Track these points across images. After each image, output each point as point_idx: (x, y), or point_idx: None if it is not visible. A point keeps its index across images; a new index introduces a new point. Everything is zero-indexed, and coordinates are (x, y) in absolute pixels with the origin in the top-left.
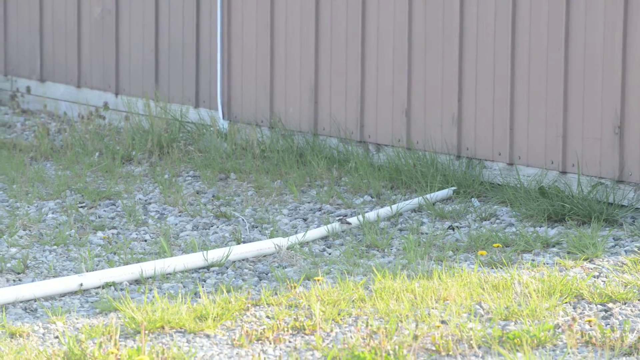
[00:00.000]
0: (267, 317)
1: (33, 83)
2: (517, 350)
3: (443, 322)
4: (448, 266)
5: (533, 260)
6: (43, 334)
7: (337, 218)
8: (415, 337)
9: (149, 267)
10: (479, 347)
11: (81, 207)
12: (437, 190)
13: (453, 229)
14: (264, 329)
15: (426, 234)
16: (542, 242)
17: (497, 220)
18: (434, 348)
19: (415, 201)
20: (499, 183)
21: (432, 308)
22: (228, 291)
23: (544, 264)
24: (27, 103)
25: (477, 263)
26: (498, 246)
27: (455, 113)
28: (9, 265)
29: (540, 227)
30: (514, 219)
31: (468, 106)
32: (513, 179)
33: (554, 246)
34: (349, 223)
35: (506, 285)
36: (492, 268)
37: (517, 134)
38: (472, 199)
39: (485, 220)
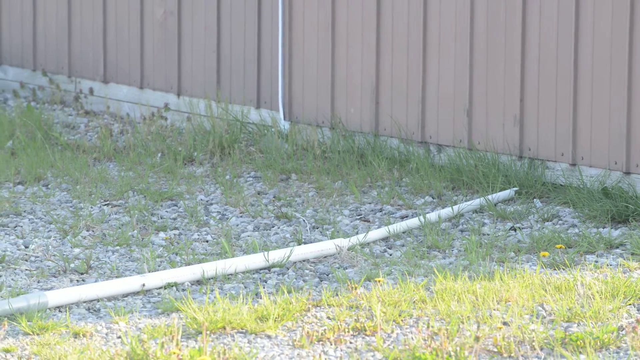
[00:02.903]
0: (328, 318)
1: (96, 84)
2: (580, 352)
3: (505, 323)
4: (510, 267)
5: (596, 261)
6: (106, 334)
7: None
8: (477, 339)
9: (211, 267)
10: (541, 349)
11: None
12: (499, 191)
13: (515, 230)
14: (324, 329)
15: (488, 235)
16: (606, 243)
17: (560, 221)
18: (495, 349)
19: (476, 202)
20: (562, 184)
21: (494, 309)
22: (289, 292)
23: (607, 265)
24: (90, 104)
25: (539, 264)
26: (560, 247)
27: (517, 113)
28: (72, 265)
29: (603, 228)
30: (576, 219)
31: (530, 106)
32: (576, 179)
33: (617, 247)
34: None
35: (569, 286)
36: (555, 269)
37: (580, 134)
38: (534, 199)
39: (548, 221)
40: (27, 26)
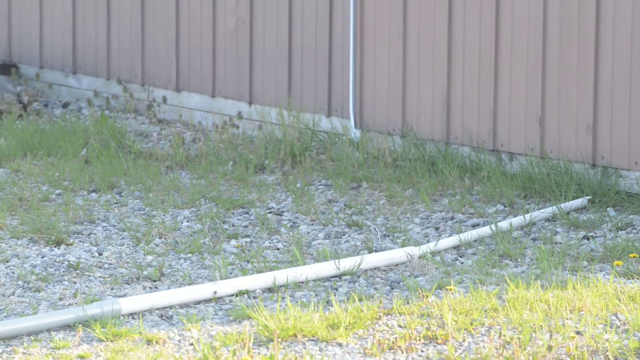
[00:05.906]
0: (399, 326)
1: (169, 93)
2: None
3: (578, 332)
4: (583, 276)
5: None
6: (178, 341)
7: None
8: (550, 348)
9: (282, 275)
10: (615, 359)
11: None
12: (572, 200)
13: (588, 239)
14: (396, 338)
15: (560, 243)
16: None
17: (634, 230)
18: (568, 359)
19: (549, 210)
20: (636, 192)
21: (567, 318)
22: (360, 300)
23: None
24: (163, 112)
25: (613, 273)
26: (635, 256)
27: (590, 121)
28: (145, 272)
29: None
30: None
31: (603, 114)
32: None
33: None
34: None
35: None
36: (629, 279)
37: None
38: (608, 208)
39: (621, 230)
40: (101, 36)
